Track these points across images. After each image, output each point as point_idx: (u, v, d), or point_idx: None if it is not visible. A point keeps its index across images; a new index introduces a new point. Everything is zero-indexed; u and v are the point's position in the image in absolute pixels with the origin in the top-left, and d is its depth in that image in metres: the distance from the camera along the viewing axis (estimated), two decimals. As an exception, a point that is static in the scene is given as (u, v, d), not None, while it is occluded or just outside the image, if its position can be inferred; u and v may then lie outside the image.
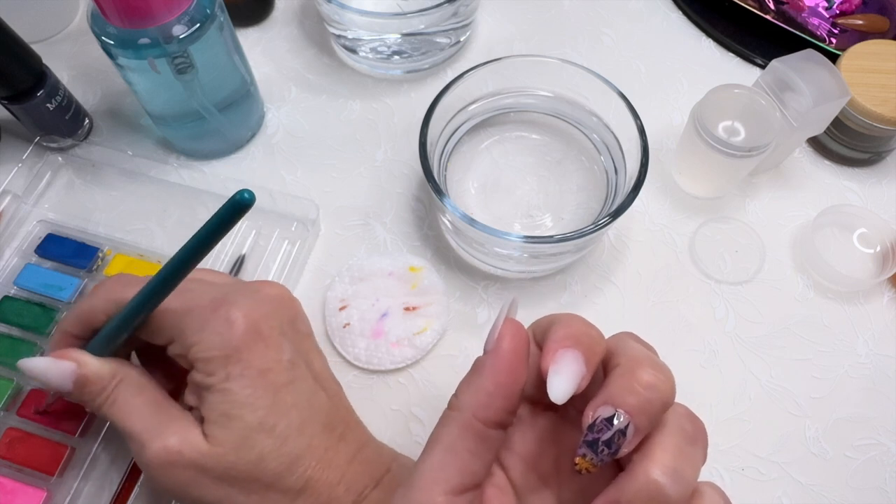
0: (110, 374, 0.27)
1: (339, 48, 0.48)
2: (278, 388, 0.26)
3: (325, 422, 0.28)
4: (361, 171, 0.44)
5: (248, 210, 0.23)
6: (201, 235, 0.24)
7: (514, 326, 0.22)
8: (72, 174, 0.43)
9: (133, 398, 0.27)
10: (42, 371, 0.27)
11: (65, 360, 0.27)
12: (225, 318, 0.26)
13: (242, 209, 0.23)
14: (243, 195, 0.22)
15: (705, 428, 0.21)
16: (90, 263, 0.38)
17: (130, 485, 0.32)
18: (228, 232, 0.24)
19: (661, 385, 0.20)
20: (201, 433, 0.26)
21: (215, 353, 0.26)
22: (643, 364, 0.20)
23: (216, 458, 0.25)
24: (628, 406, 0.19)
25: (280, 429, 0.26)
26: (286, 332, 0.28)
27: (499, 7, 0.51)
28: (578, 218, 0.40)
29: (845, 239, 0.42)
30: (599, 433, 0.19)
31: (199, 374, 0.26)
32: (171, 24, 0.33)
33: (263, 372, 0.26)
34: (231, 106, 0.41)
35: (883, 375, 0.38)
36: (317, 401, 0.28)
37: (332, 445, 0.27)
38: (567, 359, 0.20)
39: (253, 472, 0.26)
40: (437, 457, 0.21)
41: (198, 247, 0.24)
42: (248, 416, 0.26)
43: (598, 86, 0.38)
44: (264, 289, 0.28)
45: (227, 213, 0.23)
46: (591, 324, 0.22)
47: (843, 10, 0.48)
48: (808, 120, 0.38)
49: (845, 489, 0.35)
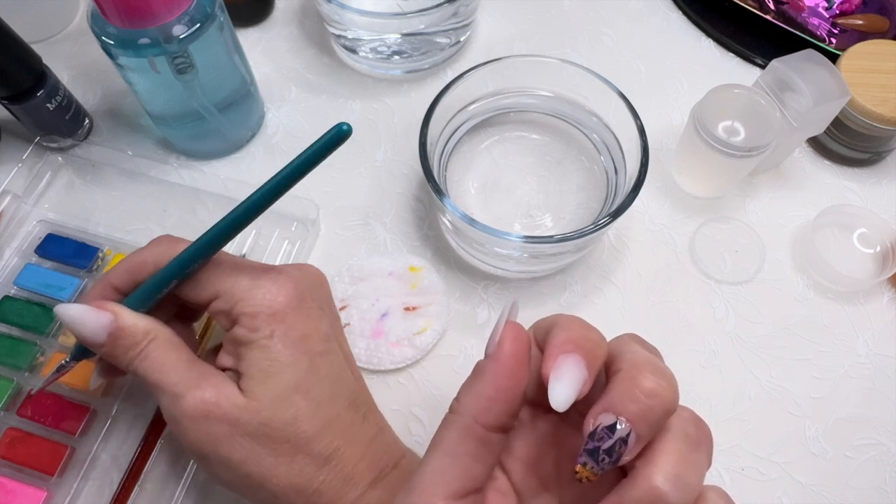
0: (145, 330, 0.27)
1: (339, 48, 0.48)
2: (314, 355, 0.27)
3: (352, 399, 0.28)
4: (361, 171, 0.44)
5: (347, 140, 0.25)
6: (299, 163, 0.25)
7: (515, 329, 0.22)
8: (72, 174, 0.43)
9: (167, 353, 0.27)
10: (78, 318, 0.26)
11: (103, 310, 0.26)
12: (275, 281, 0.27)
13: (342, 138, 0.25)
14: (342, 127, 0.24)
15: (710, 431, 0.21)
16: (90, 263, 0.38)
17: (130, 485, 0.32)
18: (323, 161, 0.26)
19: (663, 391, 0.20)
20: (238, 389, 0.26)
21: (263, 310, 0.26)
22: (645, 370, 0.20)
23: (252, 412, 0.26)
24: (629, 413, 0.19)
25: (314, 393, 0.27)
26: (324, 309, 0.29)
27: (499, 7, 0.51)
28: (578, 218, 0.40)
29: (845, 239, 0.42)
30: (600, 441, 0.19)
31: (244, 328, 0.26)
32: (171, 24, 0.33)
33: (304, 337, 0.27)
34: (231, 106, 0.41)
35: (883, 375, 0.38)
36: (346, 377, 0.29)
37: (357, 422, 0.28)
38: (568, 364, 0.20)
39: (286, 432, 0.26)
40: (439, 461, 0.21)
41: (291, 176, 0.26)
42: (287, 375, 0.26)
43: (598, 86, 0.38)
44: (307, 268, 0.30)
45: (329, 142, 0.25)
46: (592, 327, 0.22)
47: (843, 10, 0.48)
48: (808, 120, 0.38)
49: (845, 489, 0.35)
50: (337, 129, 0.24)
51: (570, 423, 0.24)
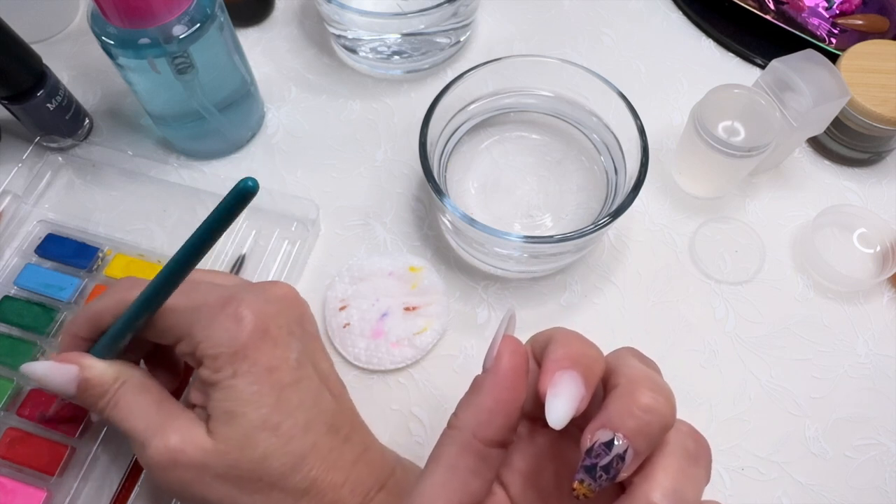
0: (113, 377, 0.27)
1: (339, 48, 0.48)
2: (284, 386, 0.26)
3: (331, 423, 0.27)
4: (361, 171, 0.44)
5: (253, 198, 0.23)
6: (206, 227, 0.24)
7: (513, 344, 0.22)
8: (72, 174, 0.43)
9: (136, 399, 0.27)
10: (44, 375, 0.27)
11: (67, 363, 0.27)
12: (234, 315, 0.26)
13: (247, 197, 0.22)
14: (247, 183, 0.22)
15: (709, 445, 0.21)
16: (90, 263, 0.38)
17: (130, 485, 0.32)
18: (233, 222, 0.24)
19: (660, 407, 0.19)
20: (205, 431, 0.26)
21: (223, 350, 0.26)
22: (642, 385, 0.20)
23: (219, 455, 0.25)
24: (627, 430, 0.19)
25: (284, 428, 0.26)
26: (294, 332, 0.28)
27: (499, 7, 0.51)
28: (578, 218, 0.40)
29: (845, 239, 0.42)
30: (598, 458, 0.19)
31: (207, 370, 0.26)
32: (171, 24, 0.33)
33: (270, 370, 0.26)
34: (231, 106, 0.41)
35: (883, 375, 0.38)
36: (322, 401, 0.28)
37: (336, 446, 0.27)
38: (565, 380, 0.20)
39: (256, 471, 0.25)
40: (438, 476, 0.21)
41: (203, 238, 0.24)
42: (251, 413, 0.25)
43: (598, 86, 0.38)
44: (273, 288, 0.28)
45: (233, 201, 0.23)
46: (589, 342, 0.22)
47: (843, 10, 0.48)
48: (808, 120, 0.38)
49: (845, 489, 0.35)
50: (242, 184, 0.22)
51: (568, 436, 0.24)
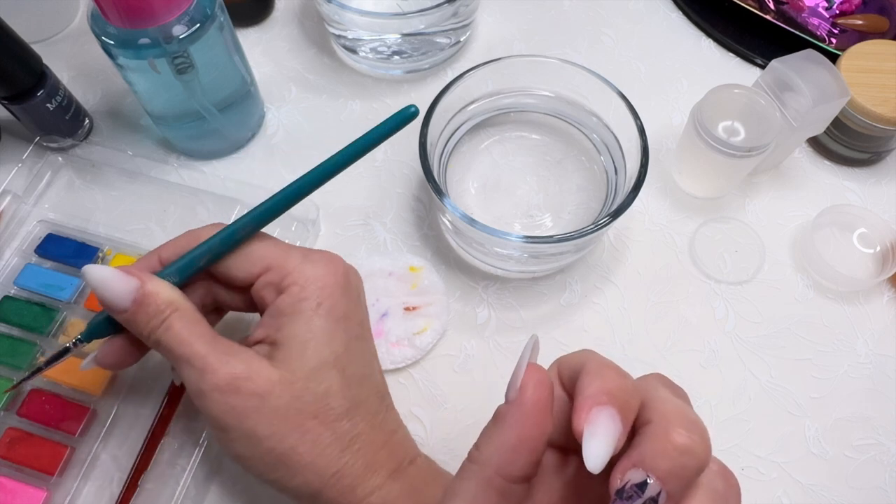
0: (168, 300, 0.26)
1: (339, 48, 0.48)
2: (352, 337, 0.28)
3: (378, 389, 0.29)
4: (361, 171, 0.44)
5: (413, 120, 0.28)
6: (368, 139, 0.27)
7: (538, 373, 0.20)
8: (72, 174, 0.43)
9: (190, 327, 0.26)
10: (103, 280, 0.26)
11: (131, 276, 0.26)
12: (329, 259, 0.28)
13: (409, 119, 0.27)
14: (410, 109, 0.28)
15: (738, 484, 0.20)
16: (90, 263, 0.38)
17: (132, 485, 0.32)
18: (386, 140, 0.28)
19: (696, 448, 0.18)
20: (268, 364, 0.26)
21: (313, 282, 0.27)
22: (677, 424, 0.18)
23: (285, 385, 0.26)
24: (661, 471, 0.18)
25: (349, 372, 0.27)
26: (361, 298, 0.30)
27: (499, 7, 0.51)
28: (578, 218, 0.40)
29: (845, 239, 0.42)
30: (629, 500, 0.18)
31: (291, 297, 0.27)
32: (171, 24, 0.33)
33: (346, 317, 0.28)
34: (231, 106, 0.41)
35: (883, 375, 0.38)
36: (376, 367, 0.29)
37: (381, 411, 0.28)
38: (603, 419, 0.18)
39: (316, 406, 0.26)
40: None
41: (362, 148, 0.28)
42: (324, 349, 0.26)
43: (598, 86, 0.38)
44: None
45: (398, 122, 0.27)
46: (623, 372, 0.20)
47: (843, 10, 0.48)
48: (808, 120, 0.38)
49: (845, 489, 0.35)
50: (408, 108, 0.28)
51: None
